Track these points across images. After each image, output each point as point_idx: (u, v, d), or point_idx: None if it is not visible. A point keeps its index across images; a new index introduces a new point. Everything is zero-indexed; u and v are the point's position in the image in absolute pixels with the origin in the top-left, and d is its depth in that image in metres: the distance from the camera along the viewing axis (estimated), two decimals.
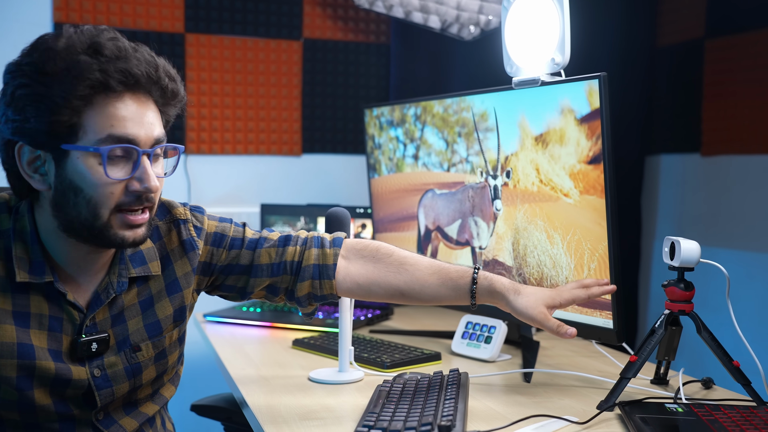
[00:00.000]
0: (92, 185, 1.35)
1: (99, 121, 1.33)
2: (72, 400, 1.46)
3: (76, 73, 1.30)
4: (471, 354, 2.10)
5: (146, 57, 1.37)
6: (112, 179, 1.34)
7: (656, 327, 1.71)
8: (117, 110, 1.34)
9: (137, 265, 1.53)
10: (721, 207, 3.03)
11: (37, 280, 1.40)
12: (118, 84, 1.33)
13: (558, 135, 1.87)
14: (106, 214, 1.37)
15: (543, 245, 1.95)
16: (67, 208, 1.37)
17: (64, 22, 2.79)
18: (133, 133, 1.35)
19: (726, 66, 2.99)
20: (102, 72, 1.31)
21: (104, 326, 1.48)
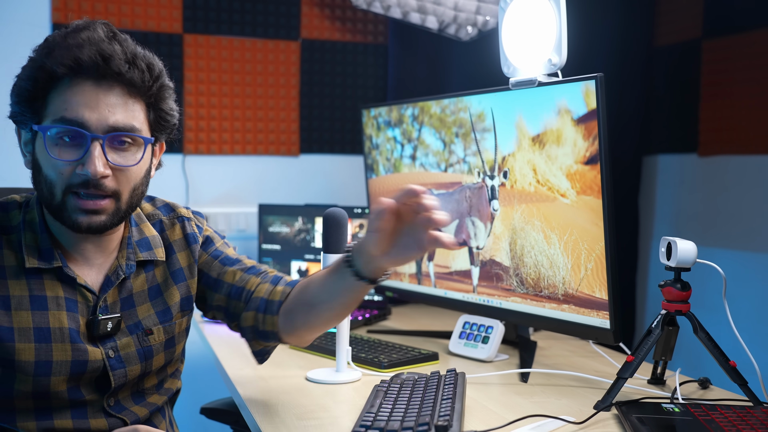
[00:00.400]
0: (46, 165, 1.43)
1: (56, 105, 1.41)
2: (86, 385, 1.52)
3: (36, 62, 1.42)
4: (468, 354, 2.10)
5: (102, 46, 1.41)
6: (55, 159, 1.41)
7: (653, 327, 1.71)
8: (72, 95, 1.40)
9: (143, 250, 1.60)
10: (719, 207, 3.03)
11: (46, 266, 1.48)
12: (66, 69, 1.39)
13: (555, 135, 1.88)
14: (59, 194, 1.43)
15: (540, 245, 1.95)
16: (37, 186, 1.47)
17: (63, 23, 2.79)
18: (82, 116, 1.40)
19: (723, 66, 2.99)
20: (50, 59, 1.39)
21: (114, 309, 1.55)
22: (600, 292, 1.82)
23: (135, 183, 1.49)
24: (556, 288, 1.93)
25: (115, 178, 1.45)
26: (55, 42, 1.43)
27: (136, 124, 1.46)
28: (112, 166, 1.43)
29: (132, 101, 1.45)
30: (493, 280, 2.12)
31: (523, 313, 2.03)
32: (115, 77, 1.42)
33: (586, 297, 1.86)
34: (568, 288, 1.90)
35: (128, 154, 1.46)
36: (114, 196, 1.46)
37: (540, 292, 1.98)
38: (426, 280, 2.38)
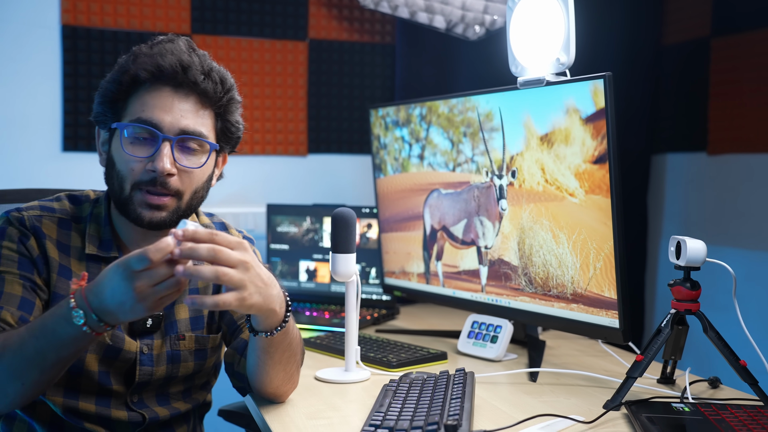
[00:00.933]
0: (119, 160, 1.56)
1: (135, 106, 1.55)
2: (116, 374, 1.62)
3: (122, 67, 1.56)
4: (477, 353, 2.09)
5: (182, 57, 1.55)
6: (129, 155, 1.54)
7: (662, 326, 1.71)
8: (150, 98, 1.55)
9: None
10: (728, 206, 3.02)
11: (104, 254, 1.61)
12: (148, 74, 1.53)
13: (563, 135, 1.87)
14: (128, 188, 1.55)
15: (549, 245, 1.95)
16: (109, 182, 1.60)
17: (72, 25, 2.81)
18: (157, 118, 1.54)
19: (732, 65, 2.98)
20: (135, 65, 1.54)
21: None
22: (609, 292, 1.82)
23: (197, 186, 1.61)
24: (565, 287, 1.93)
25: (179, 178, 1.57)
26: (141, 51, 1.57)
27: (204, 131, 1.59)
28: (178, 167, 1.56)
29: (203, 110, 1.59)
30: (501, 279, 2.12)
31: (532, 313, 2.03)
32: (191, 86, 1.56)
33: (595, 296, 1.85)
34: (577, 287, 1.89)
35: (194, 158, 1.59)
36: (176, 195, 1.58)
37: (549, 292, 1.97)
38: (434, 279, 2.38)
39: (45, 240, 1.58)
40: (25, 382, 1.39)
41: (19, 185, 2.07)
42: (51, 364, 1.38)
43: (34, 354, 1.36)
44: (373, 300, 2.72)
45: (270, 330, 1.46)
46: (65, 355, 1.38)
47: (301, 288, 2.81)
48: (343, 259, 1.83)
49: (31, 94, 2.81)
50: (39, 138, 2.83)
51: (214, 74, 1.59)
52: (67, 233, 1.62)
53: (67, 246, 1.61)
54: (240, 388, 1.70)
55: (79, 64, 2.84)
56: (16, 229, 1.57)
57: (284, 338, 1.51)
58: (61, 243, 1.60)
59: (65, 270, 1.58)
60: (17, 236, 1.56)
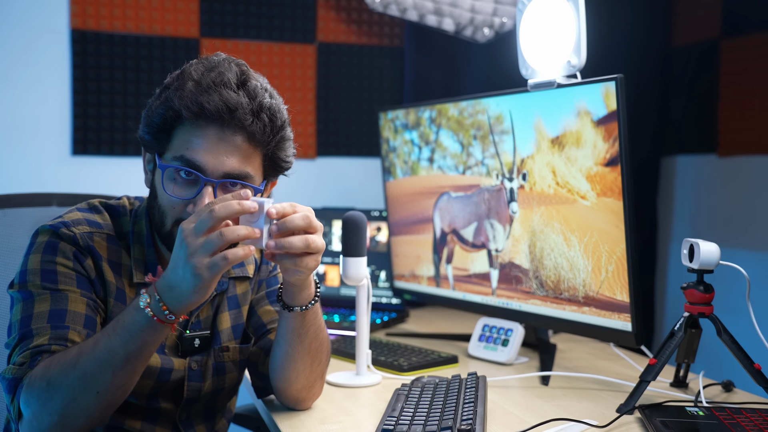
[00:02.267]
0: (161, 195, 1.50)
1: (179, 142, 1.47)
2: (164, 394, 1.58)
3: (168, 100, 1.47)
4: (488, 357, 2.09)
5: (229, 97, 1.44)
6: (169, 195, 1.48)
7: (675, 330, 1.70)
8: (195, 137, 1.46)
9: (236, 267, 1.67)
10: (739, 208, 3.01)
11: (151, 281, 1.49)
12: (192, 115, 1.44)
13: (574, 137, 1.87)
14: (169, 224, 1.50)
15: (560, 248, 1.95)
16: (151, 210, 1.55)
17: (81, 29, 2.82)
18: (201, 160, 1.45)
19: (742, 66, 2.97)
20: (179, 101, 1.45)
21: (207, 323, 1.63)
22: (621, 295, 1.81)
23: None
24: (577, 290, 1.92)
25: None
26: (189, 79, 1.47)
27: (251, 171, 1.50)
28: None
29: (251, 149, 1.50)
30: (512, 282, 2.11)
31: (543, 316, 2.03)
32: (238, 127, 1.46)
33: (607, 299, 1.85)
34: (589, 290, 1.89)
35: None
36: None
37: (560, 295, 1.97)
38: (444, 282, 2.38)
39: (102, 261, 1.52)
40: (100, 389, 1.34)
41: (28, 189, 2.07)
42: (121, 362, 1.34)
43: (106, 353, 1.33)
44: (383, 303, 2.71)
45: (305, 303, 1.51)
46: (133, 349, 1.34)
47: None
48: (354, 262, 1.83)
49: (40, 98, 2.81)
50: (48, 142, 2.82)
51: (264, 115, 1.48)
52: (117, 251, 1.56)
53: (119, 265, 1.55)
54: (260, 389, 1.69)
55: (89, 68, 2.84)
56: (70, 246, 1.50)
57: (315, 319, 1.55)
58: (113, 262, 1.54)
59: (121, 294, 1.54)
60: (72, 253, 1.50)
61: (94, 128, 2.85)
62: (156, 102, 1.50)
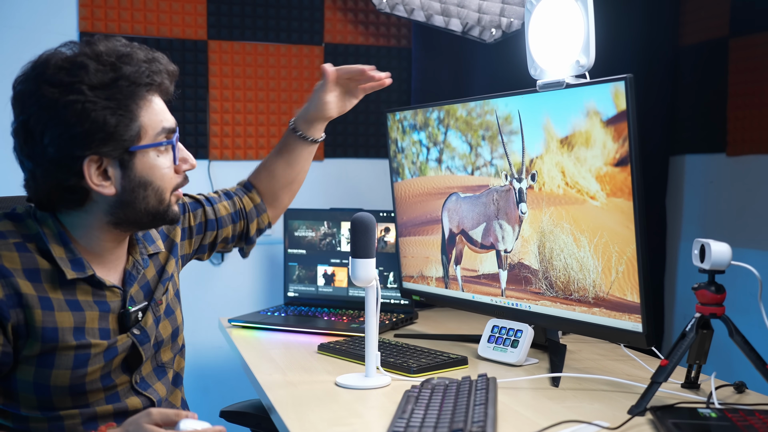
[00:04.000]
0: (160, 176, 1.56)
1: (152, 119, 1.53)
2: (115, 369, 1.62)
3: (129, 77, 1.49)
4: (497, 358, 2.08)
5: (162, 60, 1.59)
6: (166, 167, 1.57)
7: (687, 330, 1.70)
8: (157, 106, 1.56)
9: (150, 244, 1.75)
10: (748, 207, 3.00)
11: (82, 275, 1.55)
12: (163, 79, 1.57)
13: (584, 137, 1.87)
14: (168, 196, 1.60)
15: (570, 248, 1.94)
16: (136, 202, 1.55)
17: (90, 32, 2.82)
18: (171, 120, 1.58)
19: (751, 65, 2.96)
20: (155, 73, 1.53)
21: (138, 297, 1.67)
22: (632, 295, 1.80)
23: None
24: (587, 291, 1.91)
25: None
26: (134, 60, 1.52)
27: None
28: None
29: None
30: (521, 283, 2.11)
31: (553, 317, 2.02)
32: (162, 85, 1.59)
33: (617, 300, 1.84)
34: (599, 291, 1.88)
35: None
36: None
37: (570, 296, 1.96)
38: (453, 283, 2.37)
39: (13, 278, 1.47)
40: None
41: None
42: None
43: None
44: (391, 304, 2.71)
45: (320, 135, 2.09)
46: None
47: (318, 292, 2.80)
48: (363, 264, 1.82)
49: None
50: None
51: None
52: (30, 257, 1.51)
53: (36, 271, 1.51)
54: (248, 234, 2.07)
55: None
56: None
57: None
58: (29, 271, 1.50)
59: (47, 301, 1.50)
60: None
61: None
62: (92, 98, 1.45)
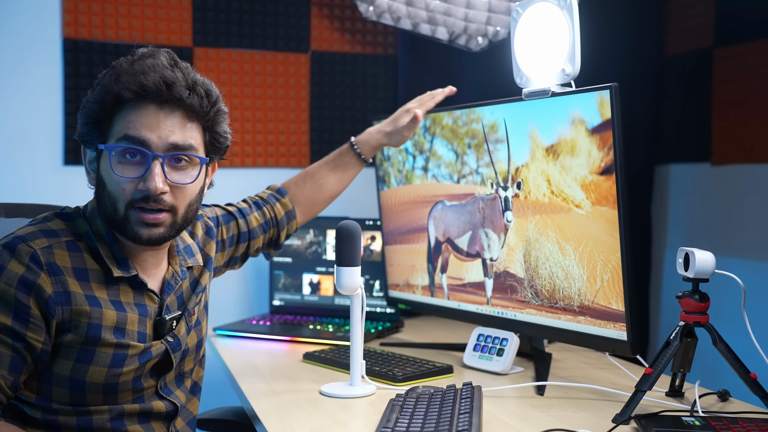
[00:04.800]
0: (110, 181, 1.54)
1: (121, 125, 1.53)
2: (145, 374, 1.64)
3: (104, 87, 1.53)
4: (483, 367, 2.08)
5: (165, 73, 1.54)
6: (119, 176, 1.53)
7: (671, 339, 1.70)
8: (136, 116, 1.53)
9: (190, 257, 1.77)
10: (733, 216, 3.01)
11: (126, 274, 1.59)
12: (131, 94, 1.51)
13: (569, 146, 1.87)
14: (122, 209, 1.55)
15: (555, 257, 1.94)
16: (101, 202, 1.58)
17: (73, 38, 2.81)
18: (145, 136, 1.52)
19: (736, 75, 2.97)
20: (117, 84, 1.51)
21: (173, 307, 1.70)
22: (617, 304, 1.80)
23: (190, 199, 1.62)
24: (572, 300, 1.91)
25: (172, 194, 1.57)
26: (122, 68, 1.54)
27: (194, 144, 1.58)
28: (170, 183, 1.56)
29: (190, 124, 1.58)
30: (507, 291, 2.11)
31: (539, 325, 2.02)
32: (176, 102, 1.54)
33: (602, 309, 1.84)
34: (584, 299, 1.88)
35: (185, 173, 1.58)
36: (171, 211, 1.58)
37: (555, 304, 1.96)
38: (439, 292, 2.37)
39: (63, 276, 1.52)
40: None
41: (20, 200, 2.06)
42: None
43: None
44: (377, 313, 2.70)
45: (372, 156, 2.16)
46: None
47: (304, 301, 2.79)
48: (348, 272, 1.82)
49: (32, 108, 2.79)
50: (40, 152, 2.81)
51: (199, 88, 1.58)
52: (80, 256, 1.57)
53: (85, 271, 1.56)
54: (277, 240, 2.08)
55: (81, 77, 2.83)
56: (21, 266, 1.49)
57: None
58: (78, 270, 1.55)
59: (93, 300, 1.54)
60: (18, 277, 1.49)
61: None
62: (92, 95, 1.56)
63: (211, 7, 3.01)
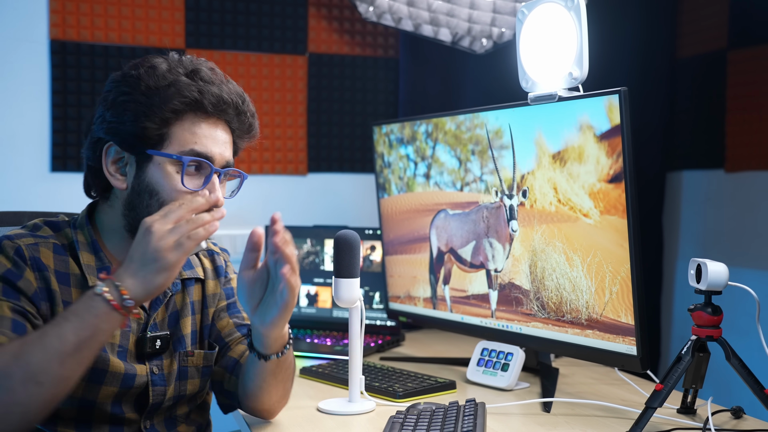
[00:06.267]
0: (167, 190, 1.53)
1: (185, 135, 1.53)
2: (127, 402, 1.59)
3: (175, 89, 1.52)
4: (487, 382, 2.05)
5: (236, 89, 1.59)
6: (186, 188, 1.52)
7: (683, 354, 1.67)
8: (202, 129, 1.55)
9: (186, 269, 1.71)
10: (747, 225, 3.00)
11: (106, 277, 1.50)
12: (211, 106, 1.54)
13: (577, 152, 1.84)
14: None
15: (562, 268, 1.91)
16: (139, 208, 1.54)
17: (61, 39, 2.78)
18: (211, 151, 1.55)
19: (750, 78, 2.96)
20: (199, 93, 1.53)
21: (163, 326, 1.65)
22: (626, 317, 1.78)
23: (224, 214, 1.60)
24: (580, 312, 1.88)
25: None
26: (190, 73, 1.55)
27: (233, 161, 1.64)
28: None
29: (231, 138, 1.63)
30: (512, 304, 2.07)
31: (545, 339, 1.99)
32: (231, 120, 1.60)
33: (611, 322, 1.81)
34: (592, 312, 1.85)
35: (225, 188, 1.63)
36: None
37: (562, 317, 1.93)
38: (441, 304, 2.34)
39: (47, 272, 1.52)
40: (44, 380, 1.35)
41: (6, 207, 2.01)
42: (71, 349, 1.36)
43: (55, 340, 1.36)
44: (377, 326, 2.67)
45: (280, 350, 1.58)
46: (85, 336, 1.37)
47: (301, 313, 2.76)
48: (346, 284, 1.80)
49: (18, 112, 2.77)
50: (26, 158, 2.78)
51: (248, 106, 1.62)
52: (65, 260, 1.56)
53: (67, 275, 1.55)
54: (226, 405, 1.75)
55: (69, 80, 2.80)
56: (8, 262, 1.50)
57: (288, 356, 1.62)
58: (60, 273, 1.55)
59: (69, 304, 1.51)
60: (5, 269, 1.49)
61: (74, 143, 2.81)
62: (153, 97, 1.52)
63: (204, 7, 3.00)
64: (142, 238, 1.41)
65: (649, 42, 3.22)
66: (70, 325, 1.37)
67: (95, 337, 1.38)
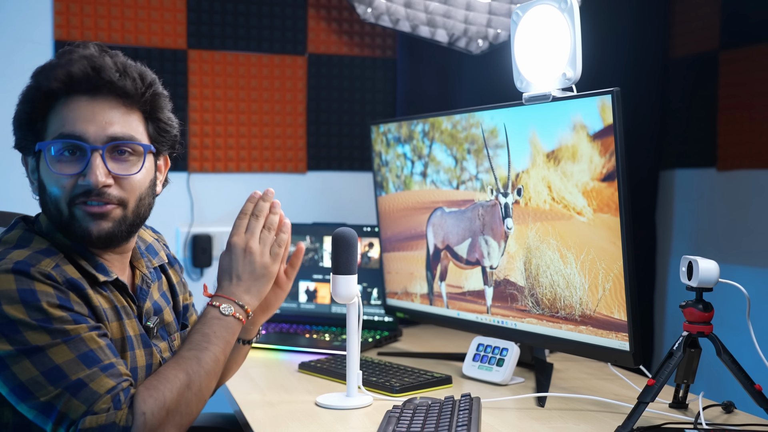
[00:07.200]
0: (50, 182, 1.46)
1: (55, 124, 1.45)
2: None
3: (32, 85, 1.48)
4: (482, 377, 2.06)
5: (93, 60, 1.46)
6: (58, 173, 1.44)
7: (674, 349, 1.68)
8: (69, 111, 1.45)
9: (154, 256, 1.71)
10: (739, 223, 2.99)
11: (110, 278, 1.51)
12: (59, 84, 1.44)
13: (570, 152, 1.85)
14: (65, 207, 1.45)
15: (556, 265, 1.92)
16: (45, 208, 1.50)
17: (65, 40, 2.77)
18: (80, 130, 1.44)
19: (741, 78, 2.96)
20: (45, 78, 1.45)
21: (149, 314, 1.63)
22: (619, 313, 1.78)
23: (140, 192, 1.51)
24: (573, 309, 1.89)
25: (120, 187, 1.47)
26: (49, 64, 1.49)
27: (135, 135, 1.50)
28: (114, 175, 1.46)
29: (128, 112, 1.49)
30: (507, 300, 2.08)
31: (539, 335, 1.99)
32: (108, 88, 1.46)
33: (604, 318, 1.82)
34: (586, 309, 1.86)
35: (129, 164, 1.49)
36: (120, 204, 1.48)
37: (556, 313, 1.94)
38: (438, 300, 2.34)
39: (86, 290, 1.44)
40: (208, 396, 1.49)
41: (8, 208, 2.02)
42: (221, 367, 1.51)
43: (212, 364, 1.47)
44: (374, 322, 2.67)
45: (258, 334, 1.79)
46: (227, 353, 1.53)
47: (300, 309, 2.76)
48: (344, 280, 1.80)
49: None
50: None
51: (131, 70, 1.49)
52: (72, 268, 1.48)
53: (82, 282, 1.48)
54: None
55: None
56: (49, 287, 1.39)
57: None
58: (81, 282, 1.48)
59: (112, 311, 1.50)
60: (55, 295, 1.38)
61: None
62: (21, 97, 1.50)
63: (205, 8, 3.00)
64: (243, 257, 1.56)
65: (641, 43, 3.22)
66: (218, 348, 1.49)
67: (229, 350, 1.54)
